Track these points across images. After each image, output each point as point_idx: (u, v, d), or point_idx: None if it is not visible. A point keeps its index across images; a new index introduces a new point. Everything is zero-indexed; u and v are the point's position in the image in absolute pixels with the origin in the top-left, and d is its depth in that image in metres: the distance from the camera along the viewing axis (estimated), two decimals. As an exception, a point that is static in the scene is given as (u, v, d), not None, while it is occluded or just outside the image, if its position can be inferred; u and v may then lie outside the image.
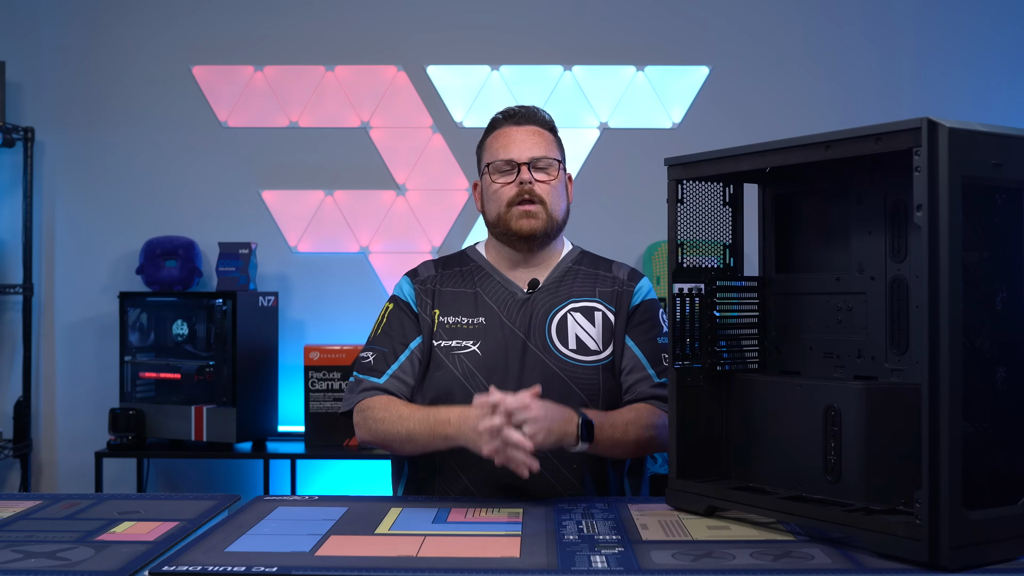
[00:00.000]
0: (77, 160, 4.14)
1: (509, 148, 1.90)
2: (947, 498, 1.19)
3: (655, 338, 1.90)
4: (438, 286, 1.93)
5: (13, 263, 4.10)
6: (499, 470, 1.69)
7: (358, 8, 4.10)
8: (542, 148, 1.91)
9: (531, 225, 1.87)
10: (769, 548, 1.34)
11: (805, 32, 4.07)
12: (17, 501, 1.69)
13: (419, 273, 1.97)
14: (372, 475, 3.97)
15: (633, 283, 1.95)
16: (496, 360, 1.84)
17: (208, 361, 3.73)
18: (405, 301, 1.94)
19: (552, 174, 1.90)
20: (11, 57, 4.01)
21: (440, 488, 1.84)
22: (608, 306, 1.91)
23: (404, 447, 1.80)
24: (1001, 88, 4.04)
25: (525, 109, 1.97)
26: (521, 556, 1.30)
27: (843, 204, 1.56)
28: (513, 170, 1.89)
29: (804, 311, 1.60)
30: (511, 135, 1.92)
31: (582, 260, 1.99)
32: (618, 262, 2.00)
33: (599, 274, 1.95)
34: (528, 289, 1.91)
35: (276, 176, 4.11)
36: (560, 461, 1.80)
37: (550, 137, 1.96)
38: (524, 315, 1.88)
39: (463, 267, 1.96)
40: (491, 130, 1.97)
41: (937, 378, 1.20)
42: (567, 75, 4.08)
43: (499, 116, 1.97)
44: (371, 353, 1.89)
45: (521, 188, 1.87)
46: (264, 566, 1.25)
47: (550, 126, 1.98)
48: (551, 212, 1.89)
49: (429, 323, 1.90)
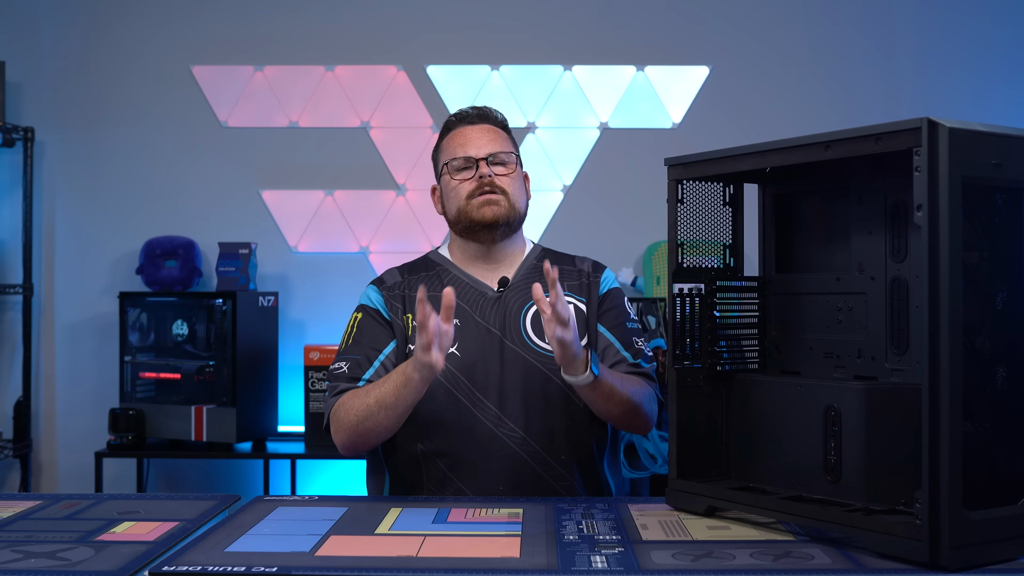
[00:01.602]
0: (77, 160, 4.14)
1: (466, 146, 1.93)
2: (947, 498, 1.19)
3: (624, 323, 1.94)
4: (406, 291, 1.92)
5: (13, 263, 4.10)
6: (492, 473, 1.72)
7: (358, 8, 4.10)
8: (498, 144, 1.94)
9: (494, 212, 1.89)
10: (769, 548, 1.34)
11: (805, 32, 4.07)
12: (17, 501, 1.69)
13: (385, 280, 1.97)
14: (372, 475, 3.97)
15: (598, 274, 1.99)
16: (476, 360, 1.84)
17: (208, 361, 3.73)
18: (375, 308, 1.92)
19: (510, 167, 1.94)
20: (11, 57, 4.01)
21: (428, 479, 1.83)
22: (578, 298, 1.94)
23: (379, 422, 1.74)
24: (1001, 88, 4.04)
25: (477, 110, 2.00)
26: (521, 556, 1.30)
27: (843, 204, 1.56)
28: (472, 166, 1.91)
29: (804, 311, 1.60)
30: (467, 134, 1.95)
31: (545, 257, 2.00)
32: (580, 256, 2.03)
33: (564, 268, 1.97)
34: (499, 287, 1.92)
35: (276, 176, 4.11)
36: (550, 455, 1.82)
37: (504, 134, 1.99)
38: (498, 313, 1.89)
39: (428, 271, 1.96)
40: (445, 132, 2.00)
41: (937, 378, 1.20)
42: (567, 75, 4.08)
43: (452, 118, 2.00)
44: (344, 363, 1.87)
45: (481, 182, 1.89)
46: (264, 566, 1.25)
47: (503, 124, 2.01)
48: (513, 202, 1.91)
49: (403, 328, 1.89)
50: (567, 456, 1.83)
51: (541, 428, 1.82)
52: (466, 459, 1.81)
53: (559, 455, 1.82)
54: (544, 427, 1.82)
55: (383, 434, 1.79)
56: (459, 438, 1.81)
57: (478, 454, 1.81)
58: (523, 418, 1.82)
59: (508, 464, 1.80)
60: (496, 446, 1.81)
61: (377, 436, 1.79)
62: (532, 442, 1.81)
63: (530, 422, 1.82)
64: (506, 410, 1.82)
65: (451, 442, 1.82)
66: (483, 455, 1.81)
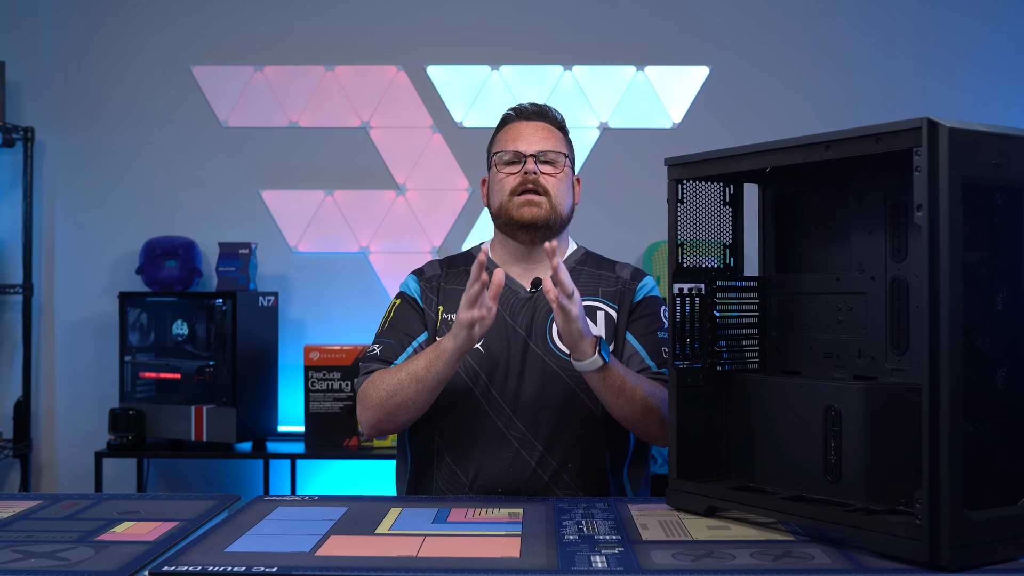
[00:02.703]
0: (77, 160, 4.14)
1: (517, 140, 1.92)
2: (947, 498, 1.19)
3: (655, 332, 1.91)
4: (442, 284, 1.95)
5: (13, 263, 4.10)
6: (502, 466, 1.72)
7: (358, 8, 4.10)
8: (550, 143, 1.93)
9: (532, 213, 1.87)
10: (769, 548, 1.34)
11: (805, 32, 4.07)
12: (17, 501, 1.69)
13: (424, 271, 1.99)
14: (372, 475, 3.97)
15: (636, 281, 1.96)
16: (498, 358, 1.84)
17: (208, 361, 3.73)
18: (412, 296, 1.95)
19: (559, 167, 1.91)
20: (11, 57, 4.01)
21: (439, 477, 1.84)
22: (611, 304, 1.92)
23: (408, 395, 1.75)
24: (1001, 88, 4.04)
25: (537, 106, 1.99)
26: (521, 556, 1.30)
27: (843, 204, 1.56)
28: (519, 161, 1.90)
29: (804, 311, 1.60)
30: (520, 129, 1.94)
31: (586, 261, 1.99)
32: (622, 262, 2.01)
33: (602, 274, 1.96)
34: (531, 289, 1.91)
35: (276, 176, 4.11)
36: (558, 463, 1.81)
37: (559, 135, 1.97)
38: (526, 314, 1.88)
39: (467, 266, 1.96)
40: (502, 125, 1.99)
41: (937, 378, 1.20)
42: (567, 75, 4.08)
43: (510, 112, 1.99)
44: (378, 346, 1.90)
45: (525, 178, 1.88)
46: (264, 566, 1.25)
47: (560, 125, 1.99)
48: (555, 204, 1.89)
49: (434, 319, 1.91)
50: (574, 465, 1.82)
51: (550, 435, 1.81)
52: (470, 457, 1.81)
53: (566, 464, 1.82)
54: (553, 434, 1.82)
55: (411, 410, 1.77)
56: (469, 436, 1.82)
57: (482, 454, 1.81)
58: (535, 423, 1.81)
59: (510, 467, 1.80)
60: (503, 448, 1.81)
61: (405, 412, 1.78)
62: (539, 447, 1.81)
63: (542, 428, 1.81)
64: (519, 413, 1.81)
65: (464, 440, 1.82)
66: (489, 455, 1.81)
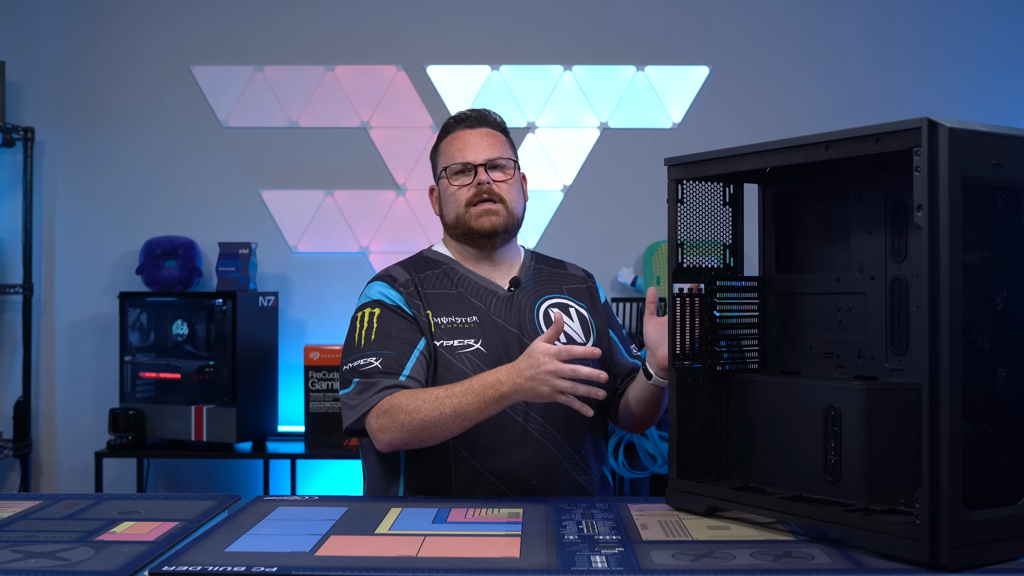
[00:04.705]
0: (77, 160, 4.14)
1: (465, 151, 1.93)
2: (947, 498, 1.19)
3: (621, 331, 2.08)
4: (421, 288, 1.91)
5: (13, 263, 4.10)
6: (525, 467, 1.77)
7: (358, 8, 4.10)
8: (496, 149, 1.95)
9: (492, 222, 1.90)
10: (769, 548, 1.34)
11: (805, 32, 4.07)
12: (17, 501, 1.69)
13: (396, 278, 1.92)
14: (372, 475, 3.96)
15: (592, 280, 2.06)
16: (499, 355, 1.85)
17: (208, 361, 3.73)
18: (394, 304, 1.88)
19: (508, 173, 1.94)
20: (11, 57, 4.01)
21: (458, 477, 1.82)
22: (579, 303, 1.98)
23: (449, 430, 1.72)
24: (1001, 88, 4.04)
25: (476, 112, 2.00)
26: (521, 556, 1.30)
27: (843, 204, 1.56)
28: (470, 172, 1.92)
29: (804, 311, 1.60)
30: (465, 138, 1.95)
31: (540, 260, 2.05)
32: (569, 262, 2.09)
33: (558, 272, 2.04)
34: (510, 287, 1.94)
35: (276, 176, 4.11)
36: (574, 448, 1.85)
37: (503, 138, 1.99)
38: (512, 312, 1.91)
39: (434, 269, 1.95)
40: (444, 135, 2.00)
41: (937, 378, 1.20)
42: (567, 75, 4.08)
43: (451, 120, 2.01)
44: (373, 358, 1.81)
45: (479, 189, 1.90)
46: (264, 566, 1.25)
47: (502, 127, 2.01)
48: (511, 209, 1.93)
49: (427, 324, 1.88)
50: (588, 449, 1.89)
51: (563, 422, 1.84)
52: (499, 455, 1.81)
53: (580, 449, 1.87)
54: (565, 421, 1.84)
55: (444, 439, 1.77)
56: (491, 434, 1.80)
57: (510, 449, 1.81)
58: (550, 413, 1.83)
59: (539, 458, 1.82)
60: (526, 441, 1.82)
61: (437, 440, 1.76)
62: (558, 436, 1.84)
63: (555, 416, 1.84)
64: (534, 406, 1.82)
65: (483, 438, 1.81)
66: (515, 450, 1.81)
